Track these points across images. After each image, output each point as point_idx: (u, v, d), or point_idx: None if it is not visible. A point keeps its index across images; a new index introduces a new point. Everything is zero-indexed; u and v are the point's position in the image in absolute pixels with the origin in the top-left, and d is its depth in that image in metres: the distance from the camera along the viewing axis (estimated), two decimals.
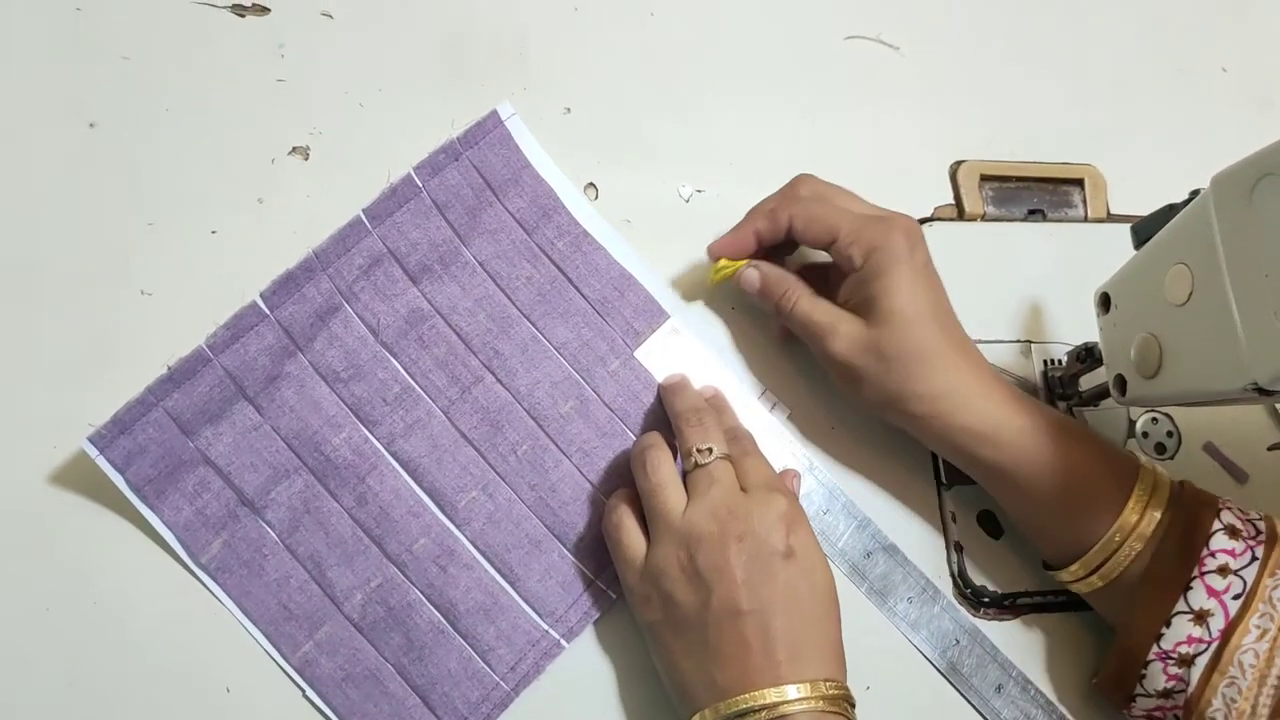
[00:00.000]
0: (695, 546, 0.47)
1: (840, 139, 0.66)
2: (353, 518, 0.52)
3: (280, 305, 0.53)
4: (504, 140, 0.59)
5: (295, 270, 0.54)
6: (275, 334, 0.53)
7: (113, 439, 0.49)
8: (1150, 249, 0.49)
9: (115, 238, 0.55)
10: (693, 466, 0.50)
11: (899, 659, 0.56)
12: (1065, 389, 0.60)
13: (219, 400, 0.51)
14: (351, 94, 0.60)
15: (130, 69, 0.58)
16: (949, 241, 0.64)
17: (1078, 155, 0.69)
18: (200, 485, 0.51)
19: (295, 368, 0.53)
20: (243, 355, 0.52)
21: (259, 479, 0.51)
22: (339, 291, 0.54)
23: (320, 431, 0.52)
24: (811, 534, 0.50)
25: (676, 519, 0.49)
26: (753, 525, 0.48)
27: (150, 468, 0.50)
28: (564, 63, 0.64)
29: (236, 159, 0.58)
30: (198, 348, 0.51)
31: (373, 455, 0.53)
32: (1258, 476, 0.61)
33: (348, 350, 0.54)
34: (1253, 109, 0.74)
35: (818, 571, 0.49)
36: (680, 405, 0.54)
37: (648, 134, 0.63)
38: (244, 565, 0.50)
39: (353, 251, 0.55)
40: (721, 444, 0.51)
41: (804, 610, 0.47)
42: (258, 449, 0.51)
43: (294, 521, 0.51)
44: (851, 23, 0.69)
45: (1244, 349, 0.42)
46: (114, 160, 0.56)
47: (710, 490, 0.49)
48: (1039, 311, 0.63)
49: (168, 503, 0.50)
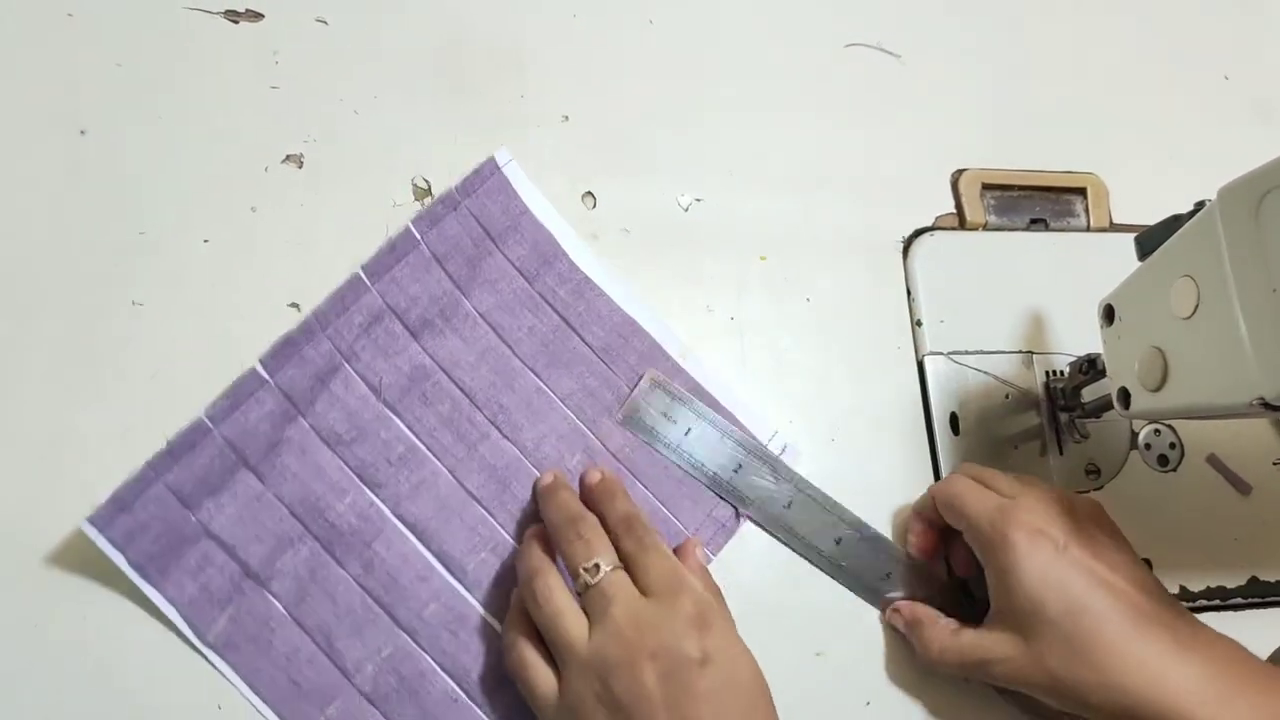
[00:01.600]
0: (608, 675, 0.44)
1: (841, 147, 0.65)
2: (360, 585, 0.51)
3: (280, 369, 0.52)
4: (502, 187, 0.58)
5: (294, 333, 0.52)
6: (275, 399, 0.52)
7: (113, 518, 0.48)
8: (1155, 260, 0.49)
9: (106, 247, 0.54)
10: (584, 588, 0.47)
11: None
12: (1068, 400, 0.59)
13: (220, 471, 0.50)
14: (346, 102, 0.59)
15: (122, 75, 0.57)
16: (950, 250, 0.63)
17: (1080, 164, 0.68)
18: (203, 560, 0.49)
19: (296, 432, 0.52)
20: (243, 423, 0.51)
21: (263, 550, 0.50)
22: (339, 351, 0.53)
23: (324, 497, 0.51)
24: (726, 624, 0.47)
25: (582, 649, 0.46)
26: (662, 638, 0.45)
27: (152, 544, 0.48)
28: (562, 71, 0.63)
29: (229, 167, 0.57)
30: (197, 419, 0.50)
31: (378, 519, 0.52)
32: (1261, 489, 0.61)
33: (350, 411, 0.52)
34: (1255, 118, 0.73)
35: (738, 668, 0.46)
36: (555, 518, 0.50)
37: (646, 142, 0.63)
38: (251, 641, 0.49)
39: (352, 310, 0.54)
40: (608, 554, 0.48)
41: (731, 714, 0.44)
42: (261, 519, 0.50)
43: (300, 592, 0.50)
44: (852, 30, 0.68)
45: (1251, 363, 0.42)
46: (105, 168, 0.56)
47: (609, 610, 0.46)
48: (1041, 322, 0.62)
49: (171, 580, 0.49)
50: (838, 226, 0.63)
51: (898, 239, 0.64)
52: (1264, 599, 0.59)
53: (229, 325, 0.54)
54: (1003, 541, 0.48)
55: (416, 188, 0.58)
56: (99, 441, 0.51)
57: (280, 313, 0.55)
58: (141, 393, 0.52)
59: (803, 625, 0.55)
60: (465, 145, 0.60)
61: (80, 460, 0.50)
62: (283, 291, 0.55)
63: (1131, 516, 0.58)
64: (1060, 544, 0.48)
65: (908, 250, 0.63)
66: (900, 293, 0.63)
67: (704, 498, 0.55)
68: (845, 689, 0.54)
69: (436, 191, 0.58)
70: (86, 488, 0.49)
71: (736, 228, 0.62)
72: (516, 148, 0.60)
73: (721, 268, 0.61)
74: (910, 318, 0.62)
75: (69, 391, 0.51)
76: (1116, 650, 0.46)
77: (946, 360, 0.61)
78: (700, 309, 0.60)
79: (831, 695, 0.54)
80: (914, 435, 0.60)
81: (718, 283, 0.60)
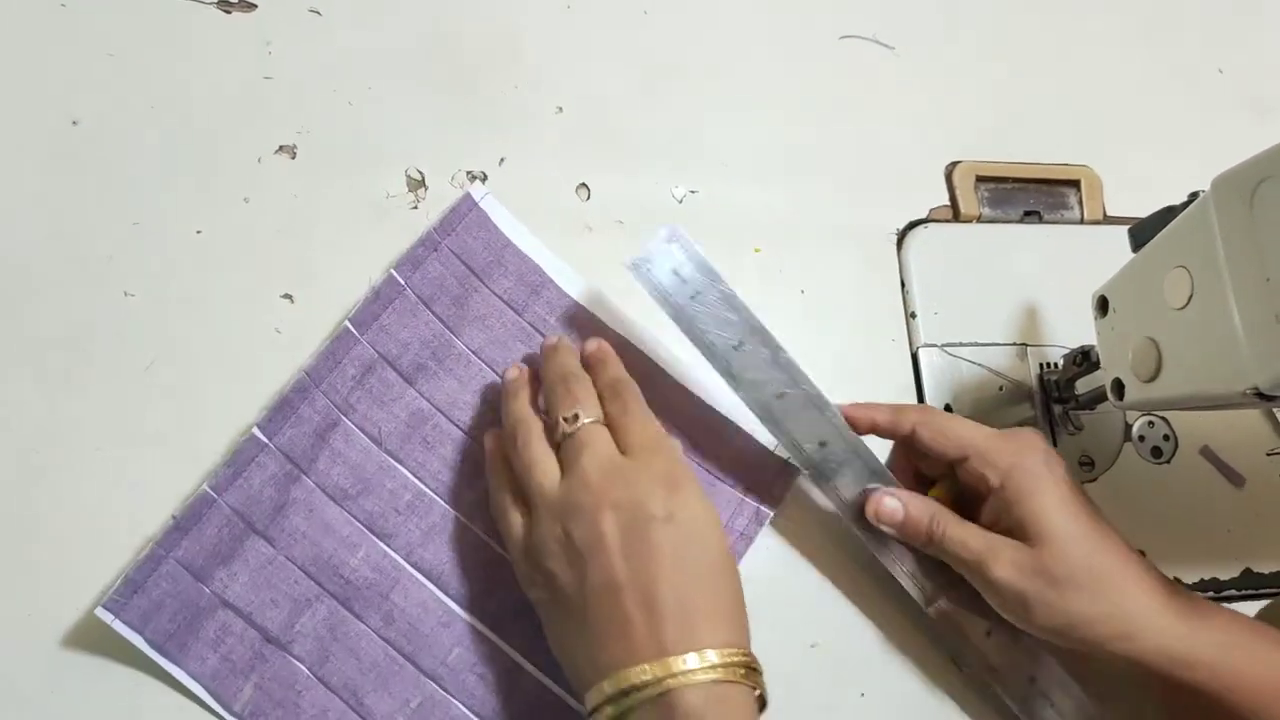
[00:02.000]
0: (570, 520, 0.46)
1: (835, 139, 0.65)
2: (382, 638, 0.50)
3: (278, 432, 0.51)
4: (482, 222, 0.57)
5: (289, 393, 0.52)
6: (277, 462, 0.51)
7: (126, 600, 0.48)
8: (1149, 251, 0.49)
9: (98, 237, 0.54)
10: (562, 436, 0.48)
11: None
12: (1062, 392, 0.59)
13: (229, 540, 0.50)
14: (340, 92, 0.59)
15: (115, 66, 0.57)
16: (944, 243, 0.63)
17: (1073, 156, 0.68)
18: (222, 630, 0.49)
19: (301, 492, 0.51)
20: (247, 490, 0.50)
21: (281, 614, 0.50)
22: (335, 406, 0.52)
23: (336, 554, 0.51)
24: (698, 494, 0.47)
25: (551, 494, 0.47)
26: (628, 491, 0.46)
27: (169, 622, 0.48)
28: (556, 62, 0.63)
29: (222, 157, 0.57)
30: (201, 491, 0.50)
31: (393, 570, 0.51)
32: (1254, 480, 0.61)
33: (353, 465, 0.52)
34: (1248, 111, 0.73)
35: (704, 533, 0.46)
36: (549, 372, 0.52)
37: (641, 134, 0.63)
38: (278, 706, 0.49)
39: (344, 363, 0.53)
40: (592, 408, 0.49)
41: (691, 576, 0.44)
42: (275, 583, 0.50)
43: (323, 652, 0.50)
44: (846, 22, 0.68)
45: (1244, 353, 0.42)
46: (98, 158, 0.55)
47: (580, 458, 0.47)
48: (1035, 314, 0.62)
49: (192, 655, 0.48)
50: (832, 218, 0.63)
51: (892, 231, 0.64)
52: (1257, 591, 0.59)
53: (222, 316, 0.54)
54: (1019, 465, 0.49)
55: (410, 179, 0.58)
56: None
57: (273, 305, 0.55)
58: (135, 385, 0.52)
59: (798, 618, 0.55)
60: (459, 137, 0.60)
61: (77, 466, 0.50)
62: (276, 282, 0.55)
63: (1125, 508, 0.59)
64: (1065, 476, 0.50)
65: (902, 242, 0.63)
66: (894, 285, 0.63)
67: (724, 504, 0.55)
68: (840, 680, 0.54)
69: (430, 183, 0.58)
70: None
71: (731, 219, 0.62)
72: (510, 139, 0.60)
73: (716, 259, 0.60)
74: (904, 310, 0.62)
75: (62, 382, 0.51)
76: (1118, 569, 0.47)
77: (941, 352, 0.61)
78: None
79: (826, 687, 0.54)
80: None
81: None
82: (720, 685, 0.43)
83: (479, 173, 0.59)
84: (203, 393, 0.53)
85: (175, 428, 0.52)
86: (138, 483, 0.51)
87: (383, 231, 0.57)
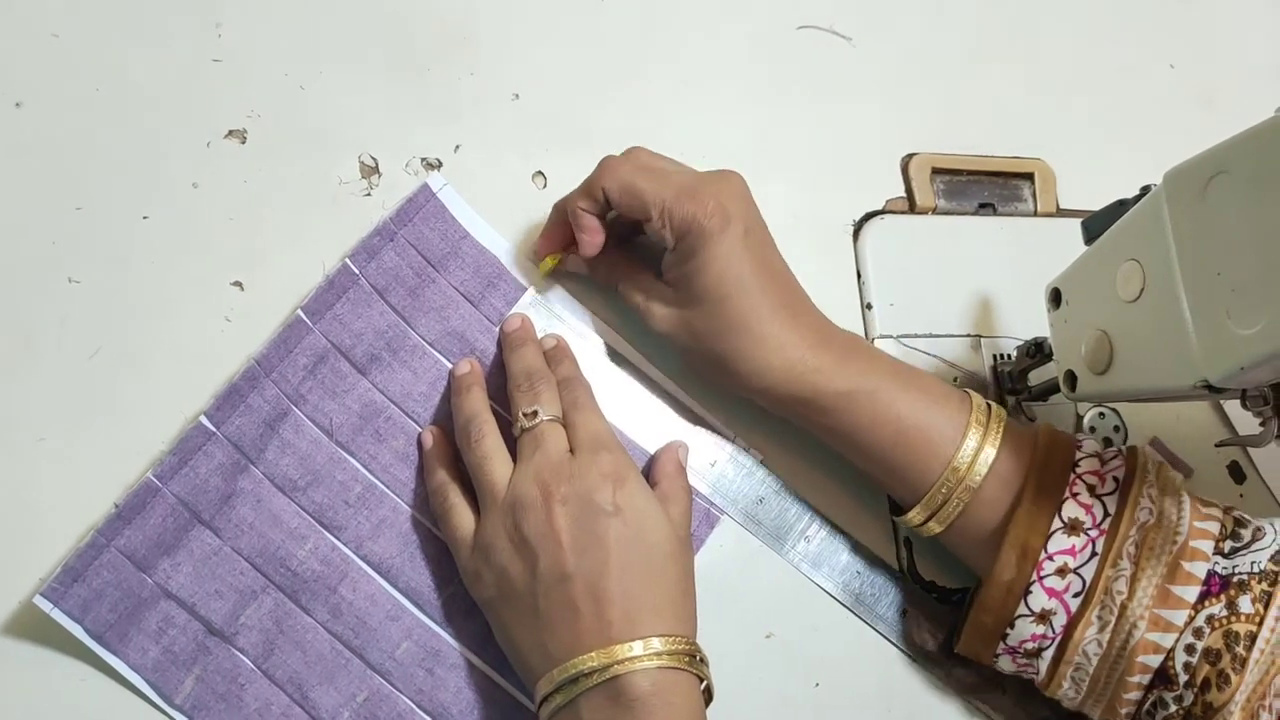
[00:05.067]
0: (520, 514, 0.47)
1: (791, 130, 0.65)
2: (329, 631, 0.50)
3: (226, 420, 0.50)
4: (439, 213, 0.56)
5: (239, 381, 0.51)
6: (225, 451, 0.50)
7: (66, 589, 0.46)
8: (1101, 245, 0.49)
9: (41, 222, 0.53)
10: (520, 431, 0.50)
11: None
12: (1014, 384, 0.60)
13: (173, 530, 0.49)
14: (291, 76, 0.58)
15: (59, 46, 0.56)
16: (900, 234, 0.64)
17: (1028, 150, 0.69)
18: (165, 622, 0.48)
19: (249, 483, 0.50)
20: (193, 479, 0.49)
21: (226, 605, 0.49)
22: (285, 396, 0.52)
23: (284, 545, 0.50)
24: (643, 488, 0.49)
25: (502, 489, 0.48)
26: (576, 486, 0.47)
27: (109, 612, 0.47)
28: (513, 47, 0.62)
29: (170, 142, 0.55)
30: (145, 479, 0.49)
31: (341, 563, 0.51)
32: (1202, 472, 0.62)
33: (302, 456, 0.51)
34: (1199, 106, 0.74)
35: (650, 527, 0.48)
36: (515, 367, 0.53)
37: (597, 122, 0.62)
38: (220, 699, 0.48)
39: (295, 352, 0.52)
40: (552, 406, 0.51)
41: (637, 568, 0.46)
42: (220, 574, 0.49)
43: (268, 645, 0.49)
44: (804, 13, 0.68)
45: (1194, 346, 0.42)
46: (41, 141, 0.54)
47: (534, 455, 0.48)
48: (989, 305, 0.63)
49: (132, 645, 0.47)
50: (788, 209, 0.63)
51: (848, 222, 0.64)
52: None
53: (170, 304, 0.53)
54: (693, 226, 0.50)
55: (363, 165, 0.57)
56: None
57: (223, 292, 0.54)
58: (80, 373, 0.51)
59: (752, 608, 0.55)
60: (413, 123, 0.59)
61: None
62: (225, 270, 0.54)
63: None
64: (741, 232, 0.51)
65: (858, 233, 0.64)
66: (850, 276, 0.63)
67: None
68: (794, 670, 0.55)
69: (384, 169, 0.57)
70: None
71: None
72: (465, 126, 0.59)
73: None
74: (860, 301, 0.62)
75: (3, 370, 0.50)
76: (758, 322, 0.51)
77: (896, 343, 0.61)
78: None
79: (781, 677, 0.54)
80: None
81: None
82: (666, 672, 0.44)
83: (433, 159, 0.58)
84: (149, 381, 0.51)
85: (121, 416, 0.51)
86: (81, 472, 0.50)
87: (335, 218, 0.56)
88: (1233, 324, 0.40)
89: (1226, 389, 0.42)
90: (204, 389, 0.52)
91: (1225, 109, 0.74)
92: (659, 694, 0.44)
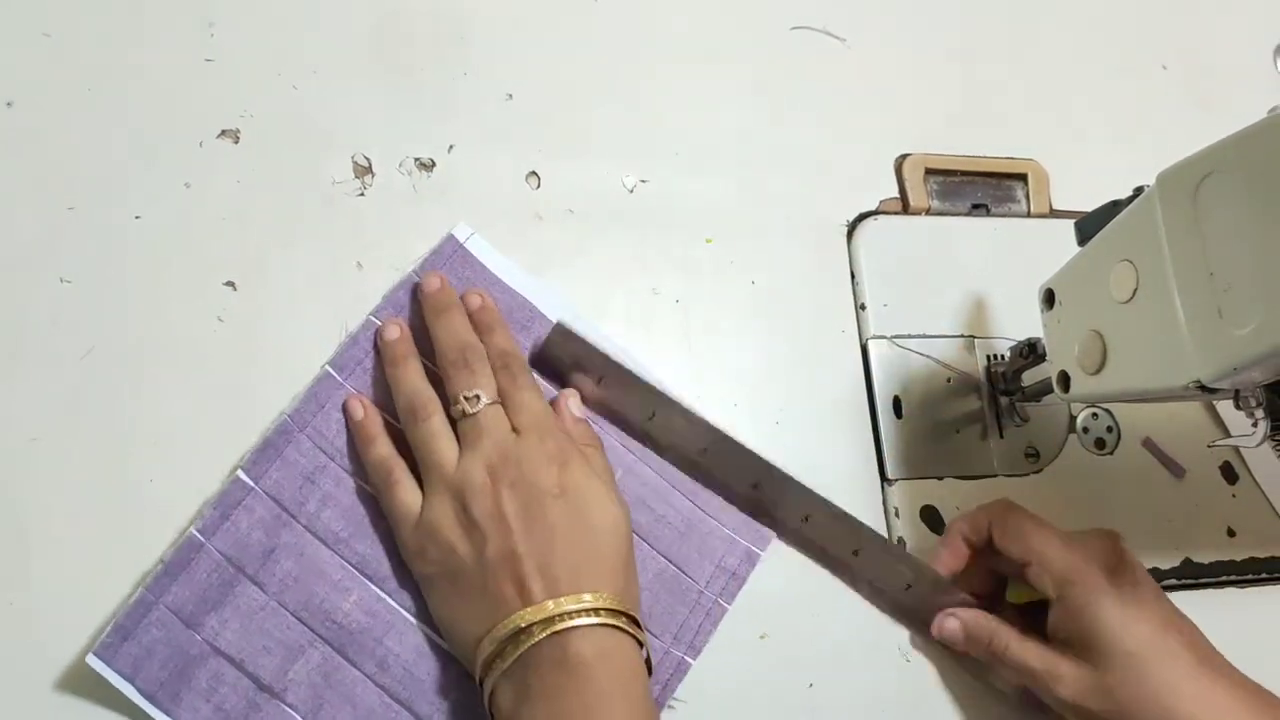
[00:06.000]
0: (469, 498, 0.48)
1: (786, 130, 0.65)
2: (377, 684, 0.49)
3: (264, 475, 0.50)
4: (466, 261, 0.56)
5: (272, 435, 0.51)
6: (265, 505, 0.50)
7: (117, 648, 0.46)
8: (1095, 245, 0.49)
9: (33, 222, 0.52)
10: (460, 415, 0.50)
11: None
12: (1008, 384, 0.60)
13: (219, 585, 0.48)
14: (284, 76, 0.58)
15: (51, 46, 0.56)
16: (894, 235, 0.64)
17: (1021, 150, 0.69)
18: (214, 679, 0.47)
19: (291, 536, 0.50)
20: (235, 534, 0.49)
21: (274, 661, 0.48)
22: (321, 450, 0.51)
23: (329, 598, 0.50)
24: (585, 468, 0.50)
25: (450, 471, 0.49)
26: (523, 470, 0.48)
27: (160, 670, 0.47)
28: (506, 47, 0.62)
29: (163, 141, 0.55)
30: (188, 534, 0.48)
31: (387, 614, 0.50)
32: (1195, 472, 0.62)
33: (344, 508, 0.51)
34: (1192, 107, 0.74)
35: (594, 506, 0.49)
36: (446, 340, 0.52)
37: (592, 122, 0.62)
38: None
39: (327, 407, 0.52)
40: (490, 388, 0.51)
41: (581, 545, 0.47)
42: (267, 629, 0.49)
43: (317, 699, 0.48)
44: (798, 14, 0.68)
45: (1188, 346, 0.42)
46: (33, 141, 0.54)
47: (480, 441, 0.49)
48: (982, 306, 0.63)
49: (184, 705, 0.47)
50: (783, 209, 0.63)
51: (842, 223, 0.64)
52: (1197, 580, 0.60)
53: (162, 304, 0.53)
54: (1084, 579, 0.49)
55: (356, 165, 0.57)
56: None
57: (216, 292, 0.53)
58: (71, 373, 0.51)
59: (747, 609, 0.55)
60: (407, 123, 0.59)
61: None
62: (218, 270, 0.54)
63: (1069, 499, 0.59)
64: (1132, 586, 0.49)
65: (852, 234, 0.64)
66: (844, 276, 0.63)
67: (710, 549, 0.55)
68: (789, 671, 0.54)
69: (377, 169, 0.57)
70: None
71: (682, 210, 0.61)
72: (459, 126, 0.59)
73: (667, 250, 0.60)
74: (854, 301, 0.62)
75: None
76: (1186, 687, 0.47)
77: (890, 344, 0.61)
78: (645, 291, 0.59)
79: (775, 678, 0.54)
80: (857, 418, 0.60)
81: (663, 265, 0.60)
82: (609, 634, 0.45)
83: (427, 159, 0.58)
84: (142, 381, 0.51)
85: (113, 417, 0.51)
86: (72, 471, 0.49)
87: (328, 218, 0.56)
88: (1226, 324, 0.40)
89: (1220, 389, 0.42)
90: (196, 389, 0.52)
91: (1218, 110, 0.74)
92: (603, 657, 0.45)
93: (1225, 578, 0.60)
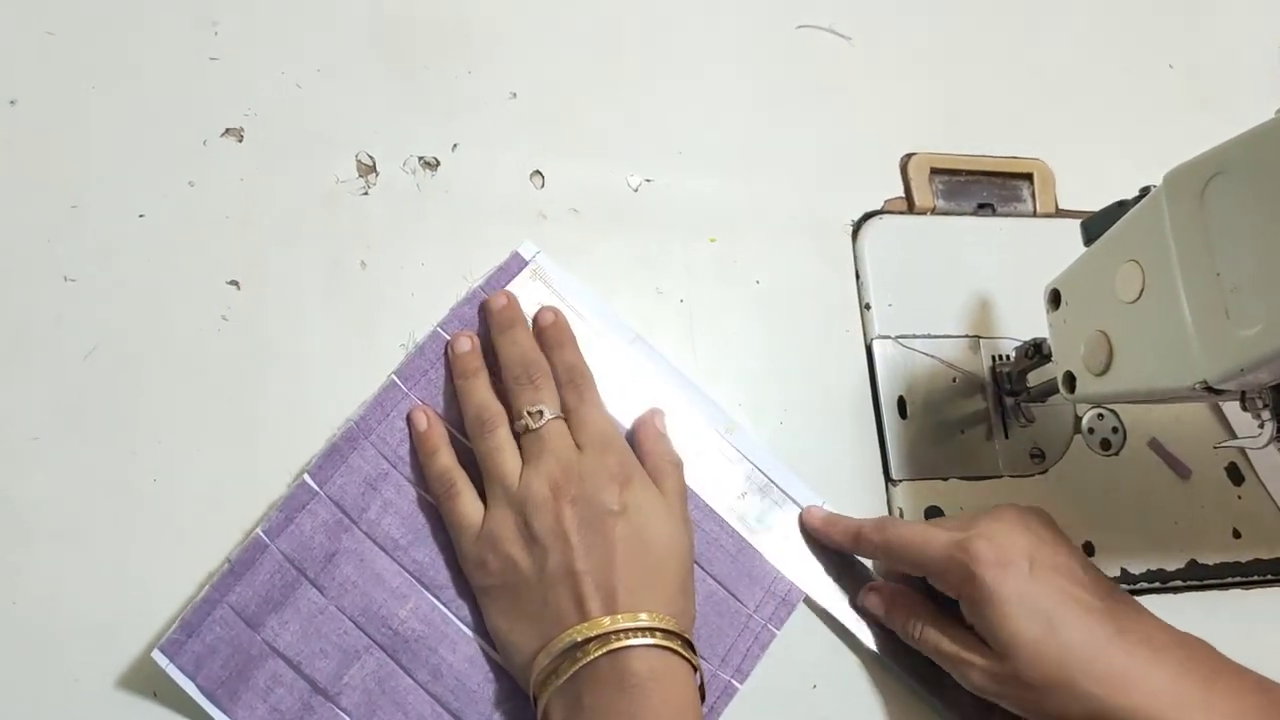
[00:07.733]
0: (531, 512, 0.48)
1: (790, 129, 0.65)
2: (429, 693, 0.49)
3: (329, 480, 0.51)
4: (530, 279, 0.56)
5: (339, 441, 0.51)
6: (328, 510, 0.50)
7: (182, 644, 0.47)
8: (1101, 245, 0.49)
9: (37, 221, 0.53)
10: (524, 430, 0.50)
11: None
12: (1013, 385, 0.60)
13: (281, 586, 0.49)
14: (288, 74, 0.58)
15: (54, 44, 0.56)
16: (899, 234, 0.63)
17: (1027, 150, 0.68)
18: (272, 680, 0.48)
19: (352, 541, 0.50)
20: (299, 536, 0.50)
21: (330, 665, 0.49)
22: (385, 458, 0.52)
23: (386, 605, 0.50)
24: (645, 485, 0.50)
25: (513, 485, 0.49)
26: (585, 488, 0.48)
27: (221, 669, 0.47)
28: (510, 46, 0.62)
29: (166, 140, 0.55)
30: (255, 535, 0.49)
31: (442, 624, 0.50)
32: (1200, 473, 0.62)
33: (404, 516, 0.51)
34: (1198, 107, 0.74)
35: (654, 525, 0.49)
36: (511, 355, 0.52)
37: (596, 121, 0.62)
38: None
39: (391, 415, 0.52)
40: (554, 403, 0.51)
41: (640, 564, 0.47)
42: (325, 633, 0.49)
43: (370, 706, 0.49)
44: (803, 12, 0.68)
45: (1194, 347, 0.42)
46: (36, 140, 0.54)
47: (543, 456, 0.49)
48: (988, 306, 0.63)
49: (242, 703, 0.47)
50: (787, 209, 0.63)
51: (847, 222, 0.64)
52: (1203, 582, 0.60)
53: (166, 302, 0.53)
54: (970, 579, 0.48)
55: (360, 163, 0.57)
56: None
57: (220, 291, 0.53)
58: (75, 372, 0.51)
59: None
60: (411, 121, 0.59)
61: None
62: (222, 268, 0.54)
63: (1074, 500, 0.59)
64: (1026, 568, 0.48)
65: (856, 233, 0.63)
66: (849, 276, 0.63)
67: (761, 573, 0.55)
68: (793, 673, 0.54)
69: (381, 168, 0.57)
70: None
71: (686, 209, 0.61)
72: (463, 125, 0.59)
73: (671, 249, 0.60)
74: (859, 301, 0.62)
75: None
76: (1090, 661, 0.46)
77: (894, 344, 0.61)
78: (650, 291, 0.59)
79: (779, 679, 0.54)
80: (862, 418, 0.60)
81: (667, 264, 0.60)
82: (664, 657, 0.45)
83: (431, 158, 0.58)
84: (146, 380, 0.51)
85: (116, 415, 0.51)
86: (75, 471, 0.49)
87: (332, 217, 0.56)
88: (1232, 325, 0.40)
89: (1226, 390, 0.42)
90: (201, 387, 0.52)
91: (1225, 110, 0.74)
92: (657, 679, 0.44)
93: (1231, 579, 0.60)
